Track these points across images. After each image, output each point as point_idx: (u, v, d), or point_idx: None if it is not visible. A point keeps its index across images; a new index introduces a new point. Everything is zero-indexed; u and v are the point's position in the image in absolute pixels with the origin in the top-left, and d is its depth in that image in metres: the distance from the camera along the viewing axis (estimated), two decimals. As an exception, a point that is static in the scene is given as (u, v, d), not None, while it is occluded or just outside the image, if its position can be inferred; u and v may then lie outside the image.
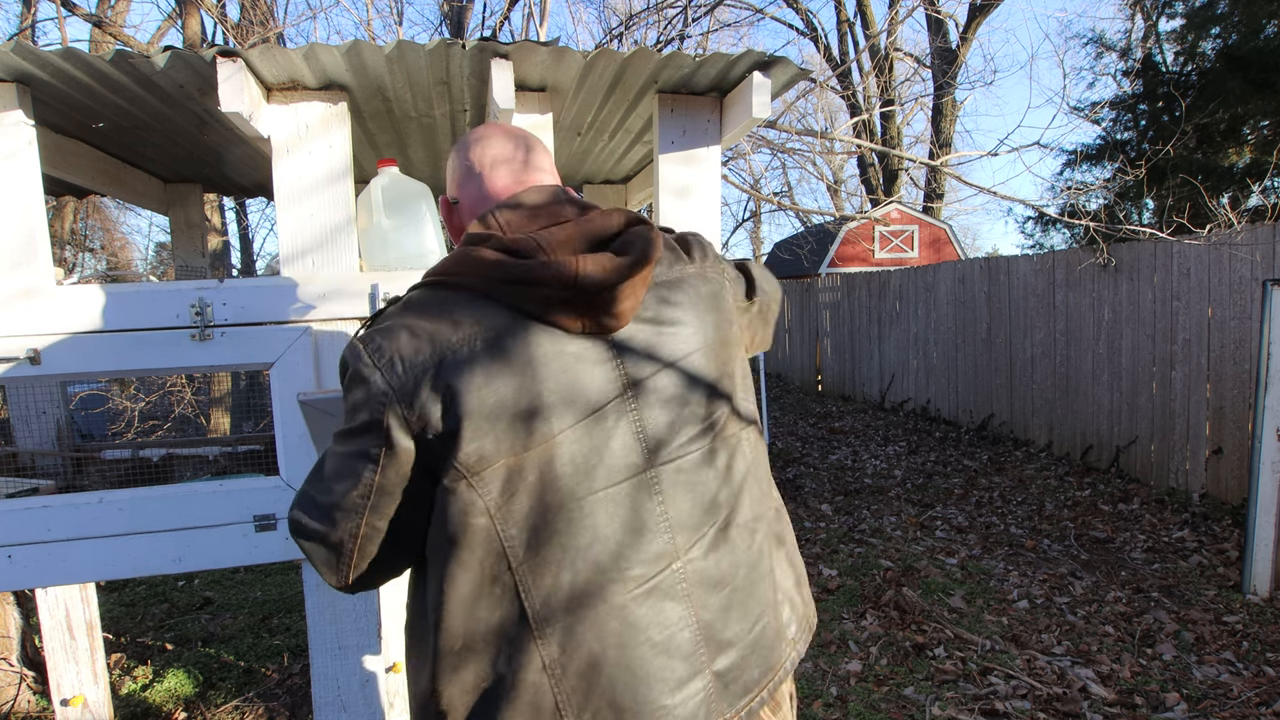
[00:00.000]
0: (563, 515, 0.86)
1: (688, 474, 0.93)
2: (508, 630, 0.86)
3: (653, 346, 0.94)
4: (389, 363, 0.86)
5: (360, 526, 0.88)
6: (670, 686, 0.89)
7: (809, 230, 18.80)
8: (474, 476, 0.84)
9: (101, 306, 1.52)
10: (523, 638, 0.85)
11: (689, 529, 0.93)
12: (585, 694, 0.86)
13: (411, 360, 0.85)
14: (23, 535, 1.52)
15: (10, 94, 1.50)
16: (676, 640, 0.90)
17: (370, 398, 0.86)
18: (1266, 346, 3.56)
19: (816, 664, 3.08)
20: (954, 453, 6.96)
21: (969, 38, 14.68)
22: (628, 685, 0.87)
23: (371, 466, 0.86)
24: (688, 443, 0.94)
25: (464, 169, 1.04)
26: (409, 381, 0.85)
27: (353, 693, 1.67)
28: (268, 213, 12.48)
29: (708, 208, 1.81)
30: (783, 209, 18.72)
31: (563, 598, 0.86)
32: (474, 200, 1.04)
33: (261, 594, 4.00)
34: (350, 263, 1.65)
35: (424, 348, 0.86)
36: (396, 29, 9.18)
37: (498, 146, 1.04)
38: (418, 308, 0.91)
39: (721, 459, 0.97)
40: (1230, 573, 3.90)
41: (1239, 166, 7.48)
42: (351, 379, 0.89)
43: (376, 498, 0.87)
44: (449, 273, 0.92)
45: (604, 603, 0.87)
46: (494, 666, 0.86)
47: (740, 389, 1.03)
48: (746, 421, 1.03)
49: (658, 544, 0.90)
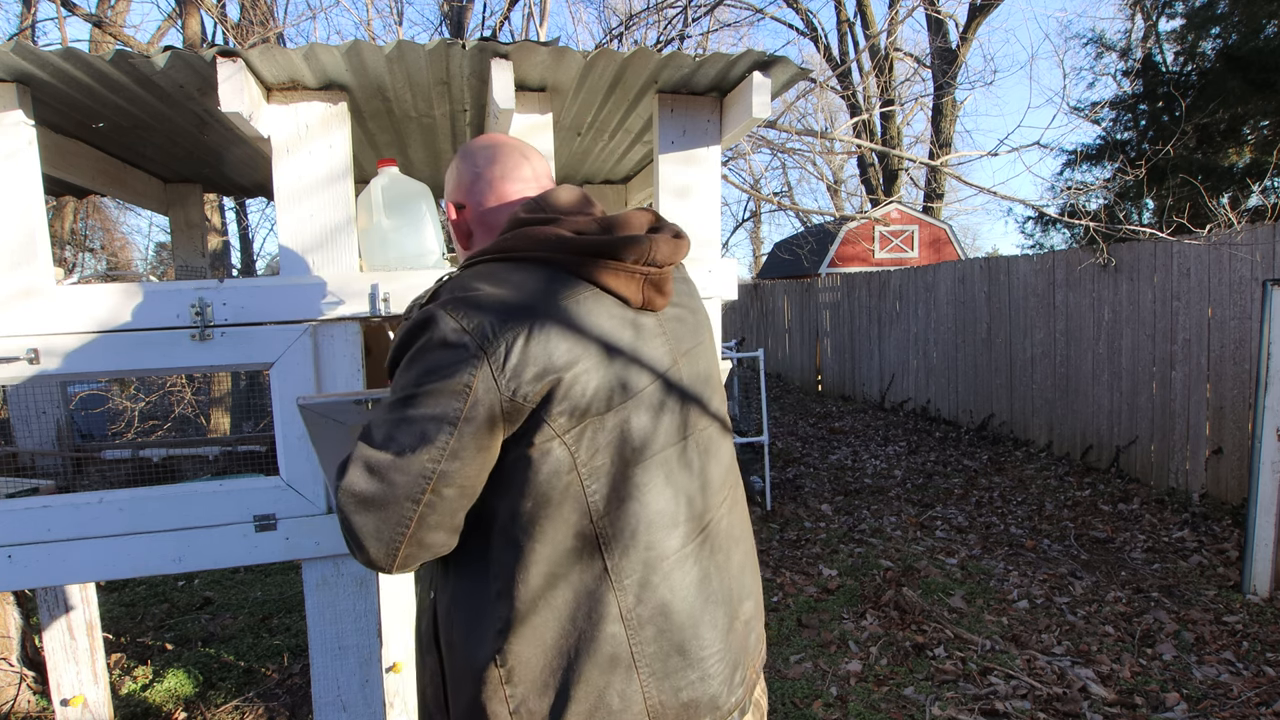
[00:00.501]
0: (638, 471, 0.93)
1: (714, 443, 1.05)
2: (588, 584, 0.90)
3: (685, 328, 1.06)
4: (479, 327, 0.87)
5: (426, 492, 0.87)
6: (720, 632, 0.98)
7: (809, 230, 18.80)
8: (565, 435, 0.89)
9: (101, 306, 1.52)
10: (602, 589, 0.90)
11: (717, 490, 1.03)
12: (656, 641, 0.92)
13: (502, 325, 0.87)
14: (23, 535, 1.52)
15: (10, 94, 1.50)
16: (720, 589, 1.00)
17: (457, 361, 0.86)
18: (1266, 346, 3.56)
19: (816, 664, 3.08)
20: (954, 453, 6.96)
21: (969, 38, 14.68)
22: (692, 631, 0.95)
23: (449, 429, 0.86)
24: (707, 417, 1.04)
25: (472, 174, 1.10)
26: (500, 345, 0.87)
27: (353, 693, 1.67)
28: (268, 213, 12.48)
29: (708, 208, 1.81)
30: (783, 209, 18.72)
31: (640, 550, 0.92)
32: (488, 203, 1.09)
33: (261, 594, 4.00)
34: (350, 263, 1.65)
35: (511, 315, 0.88)
36: (396, 29, 9.18)
37: (506, 155, 1.11)
38: (493, 278, 0.93)
39: (726, 437, 1.10)
40: (1230, 573, 3.90)
41: (1239, 166, 7.48)
42: (430, 344, 0.88)
43: (449, 462, 0.86)
44: (517, 248, 0.96)
45: (673, 553, 0.95)
46: (574, 622, 0.90)
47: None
48: (724, 400, 1.17)
49: (700, 502, 0.99)
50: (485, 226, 1.11)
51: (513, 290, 0.91)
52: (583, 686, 0.90)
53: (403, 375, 0.90)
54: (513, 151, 1.12)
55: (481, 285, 0.92)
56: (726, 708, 0.98)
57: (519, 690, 0.90)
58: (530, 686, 0.90)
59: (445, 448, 0.86)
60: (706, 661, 0.96)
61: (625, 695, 0.91)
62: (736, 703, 1.00)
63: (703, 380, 1.06)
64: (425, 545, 0.90)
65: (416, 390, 0.87)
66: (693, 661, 0.95)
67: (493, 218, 1.10)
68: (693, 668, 0.95)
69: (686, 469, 0.98)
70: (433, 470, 0.86)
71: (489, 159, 1.10)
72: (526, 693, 0.90)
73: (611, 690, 0.90)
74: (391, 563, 0.89)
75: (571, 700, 0.89)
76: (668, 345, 1.01)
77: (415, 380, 0.88)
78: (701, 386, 1.05)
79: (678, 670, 0.94)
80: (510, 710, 0.90)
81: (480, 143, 1.13)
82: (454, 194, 1.13)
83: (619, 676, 0.91)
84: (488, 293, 0.90)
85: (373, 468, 0.87)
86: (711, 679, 0.96)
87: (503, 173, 1.09)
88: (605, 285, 0.95)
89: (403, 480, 0.86)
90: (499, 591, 0.90)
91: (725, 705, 0.98)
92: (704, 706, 0.95)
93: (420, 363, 0.88)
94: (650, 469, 0.94)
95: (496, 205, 1.09)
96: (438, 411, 0.86)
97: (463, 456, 0.87)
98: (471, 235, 1.13)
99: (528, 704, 0.90)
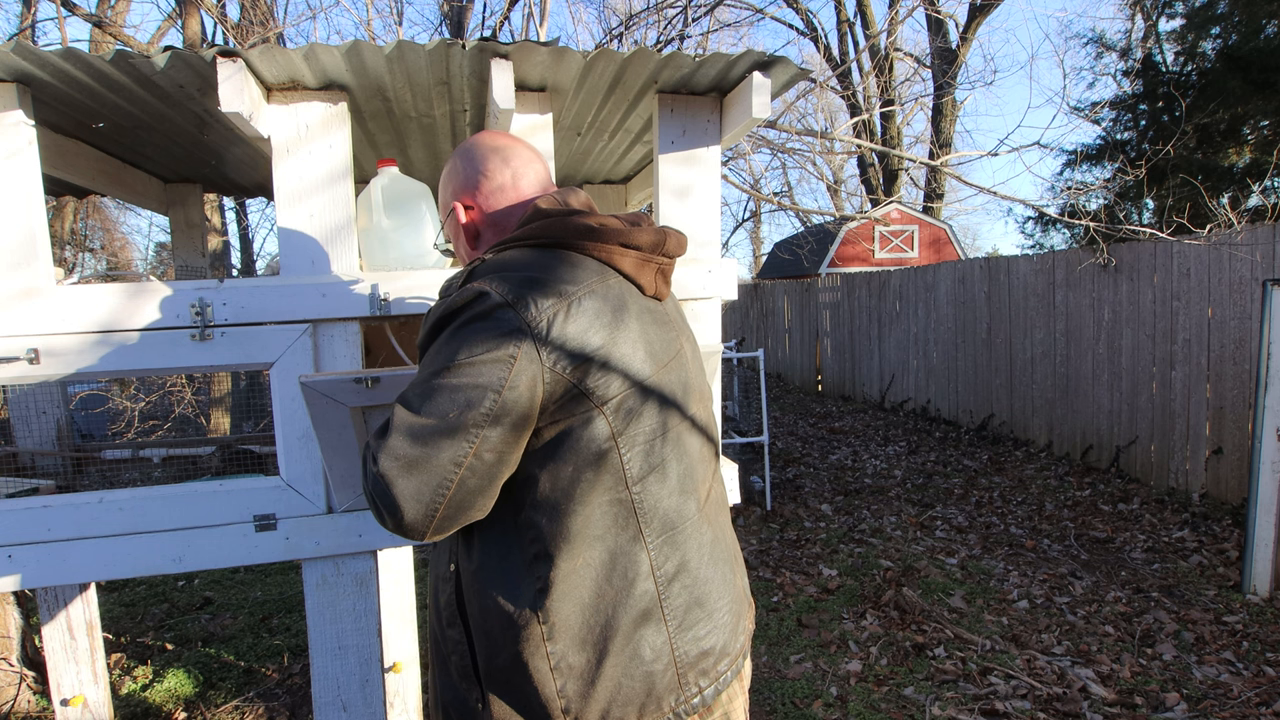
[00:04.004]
0: (660, 443, 1.01)
1: (704, 419, 1.13)
2: (624, 545, 0.97)
3: (681, 318, 1.17)
4: (524, 302, 0.92)
5: (469, 456, 0.90)
6: (726, 586, 1.09)
7: (809, 230, 18.79)
8: (604, 406, 0.95)
9: (101, 306, 1.52)
10: (636, 550, 0.98)
11: (708, 461, 1.12)
12: (681, 595, 1.01)
13: (543, 302, 0.93)
14: (23, 535, 1.52)
15: (10, 94, 1.50)
16: (721, 550, 1.10)
17: (502, 332, 0.90)
18: (1266, 346, 3.56)
19: (816, 664, 3.08)
20: (954, 453, 6.96)
21: (969, 38, 14.68)
22: (707, 585, 1.04)
23: (494, 396, 0.89)
24: (698, 400, 1.12)
25: (484, 175, 1.12)
26: (543, 319, 0.92)
27: (353, 693, 1.67)
28: (268, 213, 12.48)
29: (708, 208, 1.81)
30: (783, 209, 18.71)
31: (665, 514, 1.00)
32: (502, 204, 1.12)
33: (261, 594, 3.99)
34: (350, 263, 1.65)
35: (552, 291, 0.94)
36: (396, 29, 9.18)
37: (517, 157, 1.13)
38: (527, 264, 0.98)
39: (711, 418, 1.19)
40: (1230, 573, 3.90)
41: (1239, 166, 7.48)
42: (477, 316, 0.92)
43: (491, 428, 0.90)
44: (545, 236, 1.01)
45: (690, 515, 1.04)
46: (610, 581, 0.96)
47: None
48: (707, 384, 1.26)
49: (701, 470, 1.09)
50: (496, 227, 1.12)
51: (549, 272, 0.96)
52: (619, 639, 0.96)
53: (445, 346, 0.93)
54: (524, 151, 1.14)
55: (519, 266, 0.97)
56: (734, 653, 1.08)
57: (559, 646, 0.95)
58: (570, 642, 0.95)
59: (490, 413, 0.89)
60: (718, 613, 1.05)
61: (655, 646, 0.98)
62: (740, 649, 1.10)
63: (697, 365, 1.16)
64: (463, 509, 0.93)
65: (460, 360, 0.91)
66: (709, 612, 1.04)
67: (505, 219, 1.11)
68: (709, 618, 1.04)
69: (691, 443, 1.07)
70: (476, 435, 0.89)
71: (503, 159, 1.12)
72: (566, 648, 0.95)
73: (644, 642, 0.98)
74: (428, 526, 0.91)
75: (609, 654, 0.96)
76: (674, 331, 1.09)
77: (459, 350, 0.91)
78: (697, 370, 1.15)
79: (697, 621, 1.02)
80: (551, 666, 0.95)
81: (489, 143, 1.14)
82: (462, 193, 1.13)
83: (650, 629, 0.98)
84: (526, 274, 0.95)
85: (415, 432, 0.90)
86: (722, 629, 1.06)
87: (516, 174, 1.12)
88: (627, 272, 1.03)
89: (447, 443, 0.89)
90: (536, 554, 0.96)
91: (732, 651, 1.08)
92: (717, 652, 1.04)
93: (465, 333, 0.92)
94: (669, 442, 1.02)
95: (510, 206, 1.11)
96: (482, 380, 0.89)
97: (504, 424, 0.90)
98: (480, 236, 1.14)
99: (568, 659, 0.95)
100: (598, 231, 1.01)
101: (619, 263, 1.02)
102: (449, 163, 1.17)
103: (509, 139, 1.15)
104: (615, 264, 1.02)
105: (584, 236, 1.01)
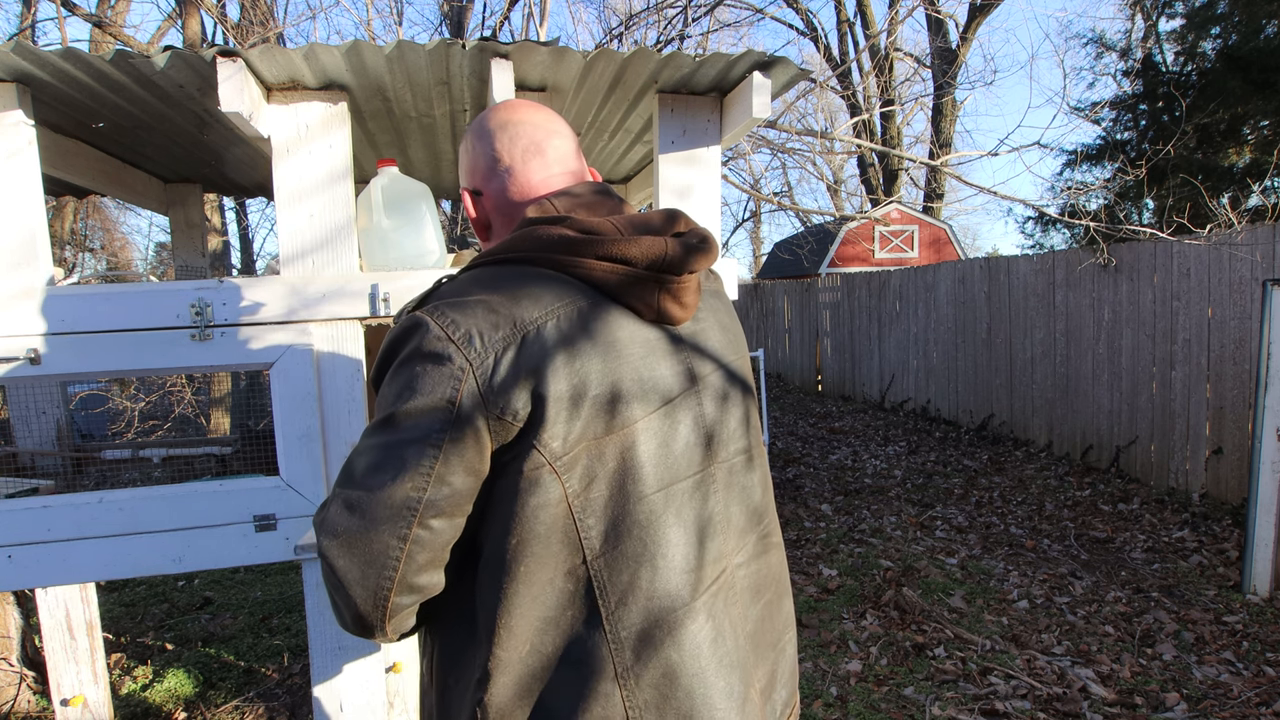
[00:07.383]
0: (643, 507, 0.80)
1: (738, 476, 0.92)
2: (580, 633, 0.79)
3: (709, 344, 0.93)
4: (465, 337, 0.77)
5: (413, 526, 0.76)
6: (736, 702, 0.84)
7: (809, 230, 18.79)
8: (556, 462, 0.77)
9: (101, 306, 1.52)
10: (595, 641, 0.79)
11: (739, 533, 0.91)
12: (657, 708, 0.80)
13: (491, 336, 0.78)
14: (23, 535, 1.52)
15: (10, 94, 1.50)
16: (735, 651, 0.86)
17: (441, 376, 0.76)
18: (1266, 346, 3.56)
19: (816, 664, 3.08)
20: (954, 453, 6.97)
21: (969, 38, 14.68)
22: (703, 697, 0.81)
23: (433, 453, 0.76)
24: (736, 445, 0.92)
25: (491, 157, 0.96)
26: (488, 359, 0.77)
27: (353, 693, 1.67)
28: (268, 213, 12.48)
29: (708, 208, 1.81)
30: (783, 209, 18.73)
31: (642, 597, 0.80)
32: (509, 193, 0.96)
33: (261, 594, 4.00)
34: (350, 263, 1.65)
35: (503, 323, 0.78)
36: (396, 29, 9.18)
37: (527, 134, 0.95)
38: (488, 283, 0.83)
39: (758, 466, 0.96)
40: (1230, 573, 3.90)
41: (1239, 166, 7.48)
42: (414, 355, 0.78)
43: (435, 489, 0.76)
44: (518, 249, 0.85)
45: (682, 605, 0.81)
46: (560, 672, 0.79)
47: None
48: (758, 432, 1.02)
49: (716, 546, 0.86)
50: (505, 218, 0.96)
51: (507, 297, 0.81)
52: None
53: (387, 389, 0.81)
54: (537, 128, 0.96)
55: (474, 290, 0.82)
56: None
57: None
58: None
59: (430, 474, 0.76)
60: None
61: None
62: None
63: (730, 405, 0.93)
64: (416, 588, 0.79)
65: (396, 408, 0.78)
66: None
67: (513, 210, 0.95)
68: None
69: (703, 505, 0.86)
70: (418, 500, 0.76)
71: (511, 138, 0.95)
72: None
73: None
74: (382, 614, 0.78)
75: None
76: (685, 364, 0.88)
77: (395, 396, 0.78)
78: (727, 412, 0.92)
79: None
80: None
81: (500, 118, 0.97)
82: (469, 179, 0.98)
83: None
84: (479, 299, 0.80)
85: (352, 503, 0.77)
86: None
87: (525, 155, 0.94)
88: (613, 293, 0.84)
89: (385, 514, 0.76)
90: (489, 633, 0.79)
91: None
92: None
93: (403, 375, 0.79)
94: (657, 504, 0.81)
95: (518, 193, 0.95)
96: (419, 433, 0.76)
97: (450, 482, 0.76)
98: (490, 227, 0.99)
99: None
100: (573, 244, 0.83)
101: (602, 283, 0.83)
102: (463, 139, 1.02)
103: (522, 111, 0.97)
104: (595, 281, 0.83)
105: (555, 249, 0.83)
